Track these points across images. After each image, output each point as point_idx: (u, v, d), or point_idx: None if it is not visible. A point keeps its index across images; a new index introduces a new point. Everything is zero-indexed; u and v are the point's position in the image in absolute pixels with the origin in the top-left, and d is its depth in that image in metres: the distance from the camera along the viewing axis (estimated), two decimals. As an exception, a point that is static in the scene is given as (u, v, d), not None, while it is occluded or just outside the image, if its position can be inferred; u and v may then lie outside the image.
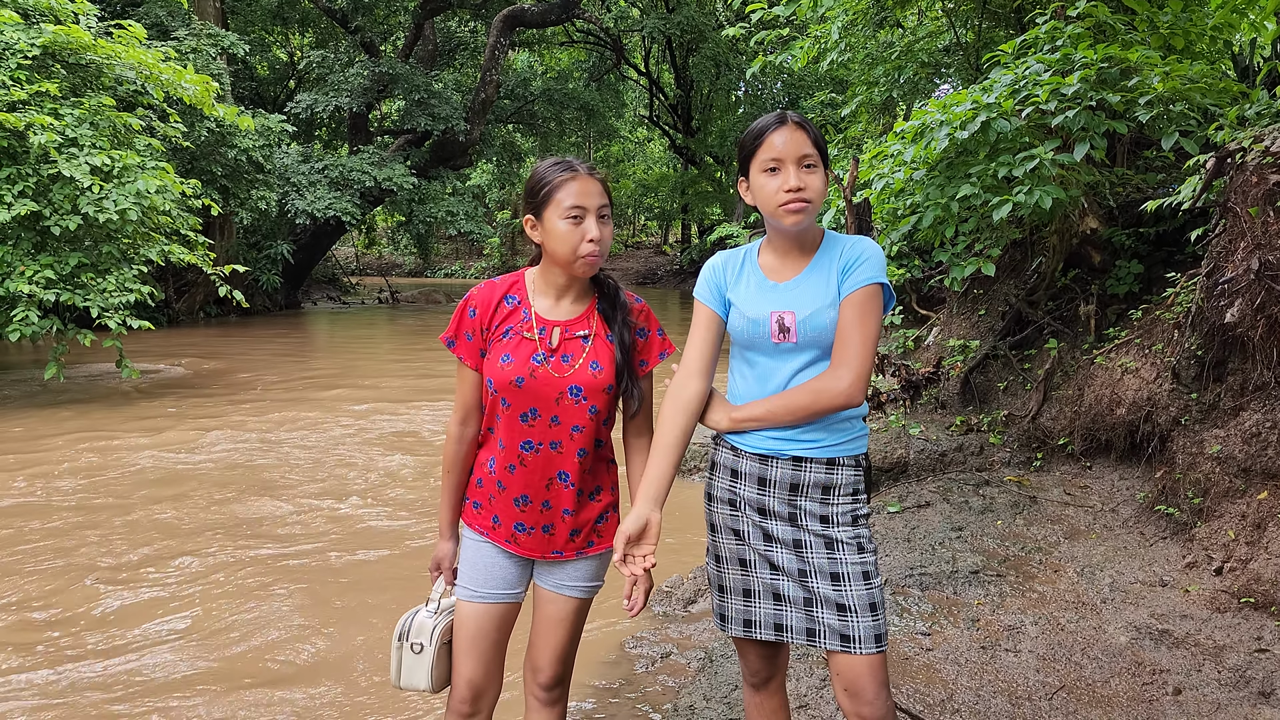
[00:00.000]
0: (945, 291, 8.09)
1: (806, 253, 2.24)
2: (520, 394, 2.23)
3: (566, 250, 2.20)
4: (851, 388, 2.11)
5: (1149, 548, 4.46)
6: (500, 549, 2.32)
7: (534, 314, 2.29)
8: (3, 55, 9.14)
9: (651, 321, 2.37)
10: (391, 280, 32.08)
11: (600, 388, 2.25)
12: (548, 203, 2.21)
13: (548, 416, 2.24)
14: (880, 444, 6.03)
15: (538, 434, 2.25)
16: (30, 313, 8.73)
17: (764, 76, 25.79)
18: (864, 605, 2.15)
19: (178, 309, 18.46)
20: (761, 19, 7.79)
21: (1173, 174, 6.38)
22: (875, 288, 2.16)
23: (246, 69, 23.87)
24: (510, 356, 2.24)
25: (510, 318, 2.29)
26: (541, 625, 2.36)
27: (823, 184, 2.16)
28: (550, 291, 2.31)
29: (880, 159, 6.00)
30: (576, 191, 2.19)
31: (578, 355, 2.26)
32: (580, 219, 2.19)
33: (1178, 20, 5.45)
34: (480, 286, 2.36)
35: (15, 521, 5.47)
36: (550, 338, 2.26)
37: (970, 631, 3.75)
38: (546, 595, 2.35)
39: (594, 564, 2.37)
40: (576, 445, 2.26)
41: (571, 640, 2.36)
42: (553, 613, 2.34)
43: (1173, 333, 5.10)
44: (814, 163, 2.15)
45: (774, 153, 2.14)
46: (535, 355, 2.24)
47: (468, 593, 2.33)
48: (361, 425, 8.36)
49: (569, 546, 2.31)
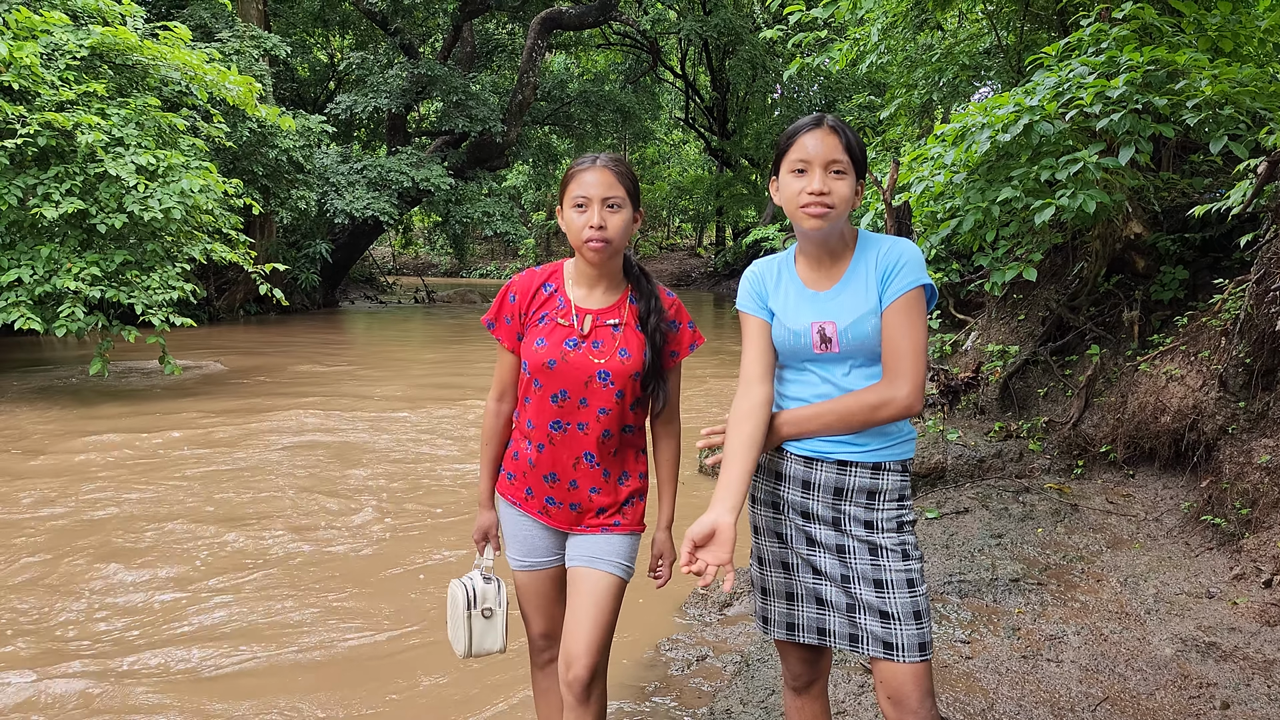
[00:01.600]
0: (984, 296, 8.01)
1: (841, 258, 2.22)
2: (552, 376, 2.36)
3: (573, 236, 2.33)
4: (910, 398, 2.09)
5: (1194, 558, 4.39)
6: (535, 520, 2.48)
7: (569, 302, 2.41)
8: (52, 56, 9.31)
9: (682, 314, 2.47)
10: (427, 280, 32.29)
11: (628, 373, 2.36)
12: (564, 193, 2.36)
13: (576, 399, 2.37)
14: (918, 449, 5.98)
15: (566, 414, 2.38)
16: (77, 309, 8.89)
17: (801, 79, 25.69)
18: (908, 613, 2.13)
19: (218, 306, 18.70)
20: (799, 21, 7.75)
21: (1220, 178, 6.28)
22: (918, 291, 2.13)
23: (288, 70, 24.16)
24: (544, 340, 2.37)
25: (547, 304, 2.43)
26: (574, 607, 2.40)
27: (850, 192, 2.12)
28: (584, 281, 2.43)
29: (920, 161, 5.95)
30: (584, 182, 2.31)
31: (609, 342, 2.37)
32: (585, 207, 2.30)
33: (1226, 23, 5.35)
34: (521, 274, 2.51)
35: (60, 511, 5.57)
36: (582, 324, 2.38)
37: (1011, 640, 3.70)
38: (579, 572, 2.42)
39: (624, 542, 2.44)
40: (601, 427, 2.37)
41: (605, 627, 2.38)
42: (585, 588, 2.39)
43: (1220, 340, 5.01)
44: (843, 169, 2.11)
45: (804, 154, 2.12)
46: (569, 340, 2.37)
47: (518, 563, 2.52)
48: (404, 420, 8.43)
49: (594, 523, 2.42)
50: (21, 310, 8.65)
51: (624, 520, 2.44)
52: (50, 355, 13.22)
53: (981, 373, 6.72)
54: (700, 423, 8.55)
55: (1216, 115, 4.83)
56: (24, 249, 8.91)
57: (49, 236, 9.15)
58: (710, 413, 9.19)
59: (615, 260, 2.40)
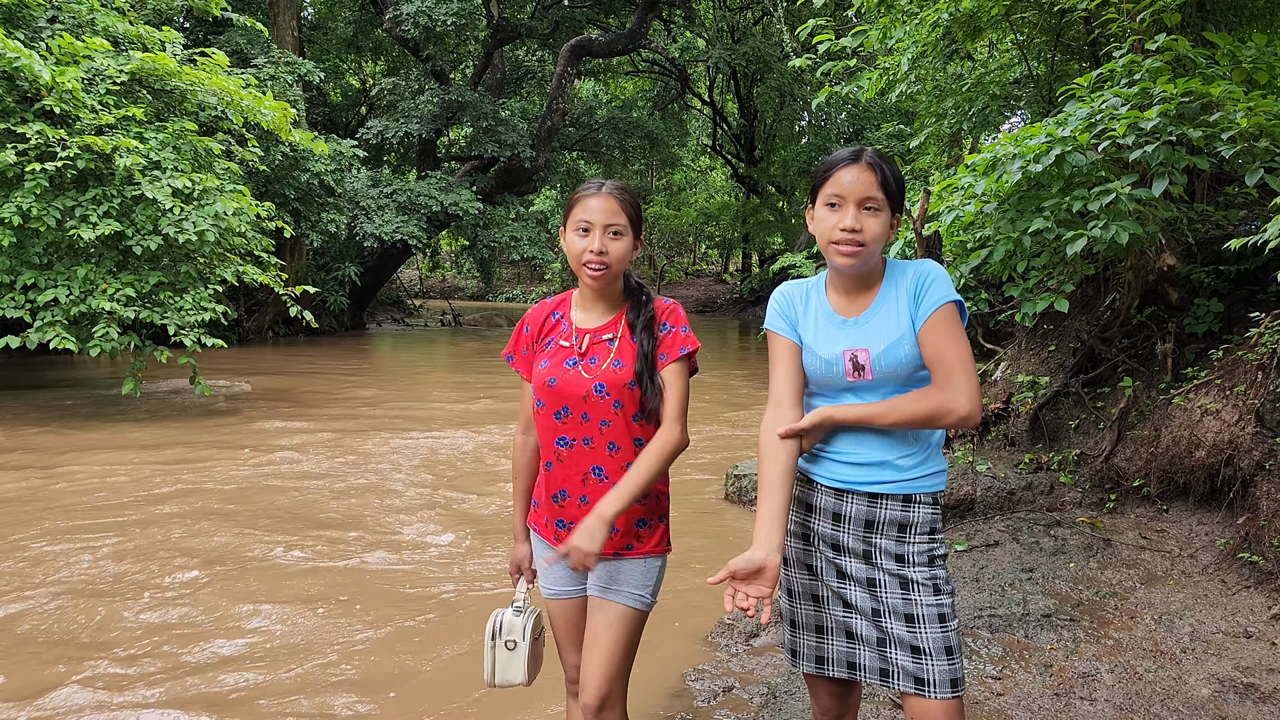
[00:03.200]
0: (1013, 326, 7.96)
1: (871, 286, 2.21)
2: (552, 393, 2.41)
3: (573, 259, 2.40)
4: (968, 407, 2.05)
5: (1231, 597, 4.31)
6: (554, 548, 2.46)
7: (571, 325, 2.49)
8: (93, 81, 9.50)
9: (676, 318, 2.45)
10: (454, 303, 32.50)
11: (621, 383, 2.38)
12: (568, 216, 2.42)
13: (578, 414, 2.40)
14: (947, 480, 5.92)
15: (570, 430, 2.41)
16: (111, 329, 9.01)
17: (829, 107, 25.73)
18: (939, 648, 2.10)
19: (248, 328, 18.90)
20: (828, 50, 7.78)
21: (1255, 211, 6.21)
22: (950, 306, 2.12)
23: (321, 95, 24.52)
24: (547, 362, 2.45)
25: (554, 330, 2.51)
26: (589, 636, 2.41)
27: (882, 228, 2.11)
28: (585, 303, 2.51)
29: (950, 191, 5.93)
30: (589, 207, 2.36)
31: (604, 356, 2.41)
32: (588, 232, 2.35)
33: (1261, 55, 5.31)
34: (535, 306, 2.61)
35: (95, 524, 5.62)
36: (581, 343, 2.44)
37: (1043, 677, 3.64)
38: (593, 601, 2.43)
39: (639, 570, 2.41)
40: (606, 439, 2.39)
41: (618, 656, 2.37)
42: (598, 619, 2.39)
43: (1256, 374, 4.94)
44: (878, 206, 2.10)
45: (839, 189, 2.12)
46: (568, 359, 2.43)
47: (547, 591, 2.54)
48: (431, 443, 8.46)
49: (606, 544, 2.32)
50: (57, 330, 8.79)
51: (639, 544, 2.42)
52: (83, 374, 13.39)
53: (1012, 403, 6.66)
54: (727, 447, 8.52)
55: (1252, 148, 4.78)
56: (61, 269, 9.06)
57: (85, 257, 9.30)
58: (735, 439, 9.17)
59: (615, 283, 2.45)
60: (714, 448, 8.70)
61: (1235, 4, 6.85)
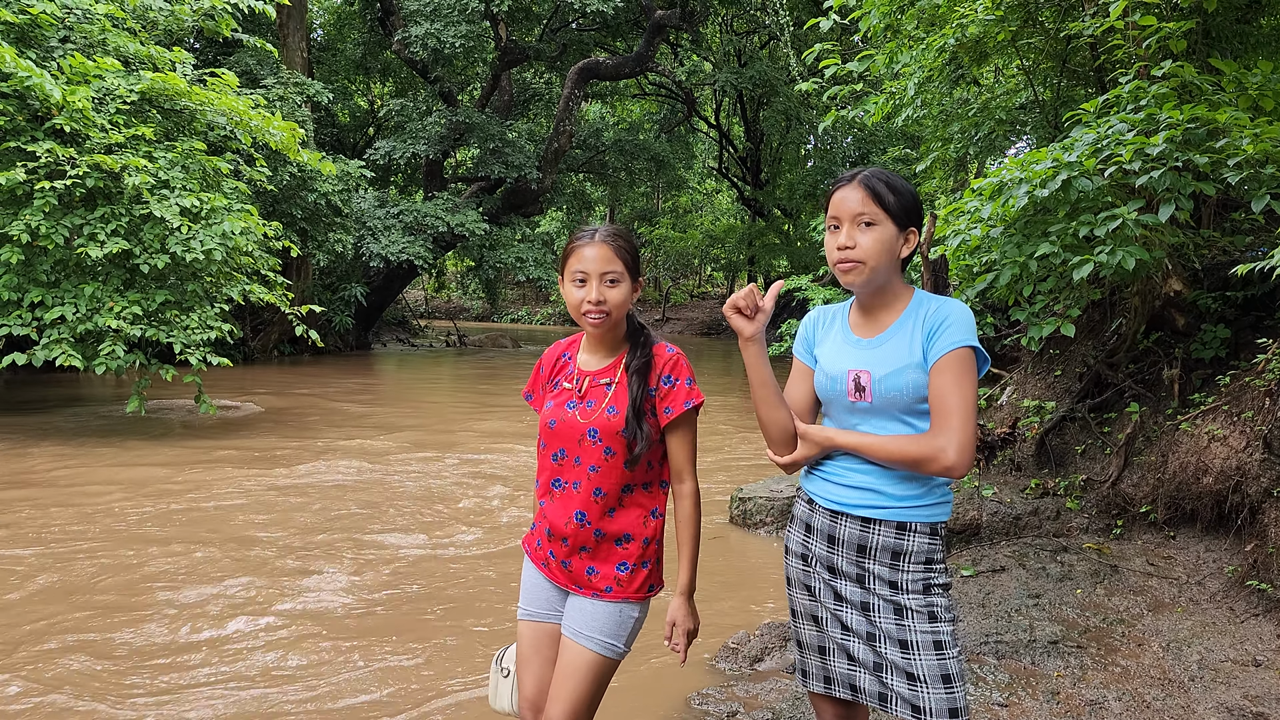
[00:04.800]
0: (1019, 350, 7.94)
1: (892, 311, 2.22)
2: (553, 435, 2.45)
3: (572, 309, 2.42)
4: (955, 458, 2.03)
5: (1239, 624, 4.27)
6: (539, 571, 2.53)
7: (575, 366, 2.52)
8: (103, 100, 9.57)
9: (680, 370, 2.43)
10: (459, 324, 32.55)
11: (614, 430, 2.37)
12: (564, 266, 2.44)
13: (571, 457, 2.43)
14: (952, 505, 5.89)
15: (565, 473, 2.44)
16: (117, 347, 9.03)
17: (835, 131, 25.82)
18: (935, 676, 2.07)
19: (253, 347, 18.93)
20: (835, 74, 7.81)
21: (1262, 237, 6.21)
22: (967, 351, 2.10)
23: (329, 116, 24.69)
24: (551, 403, 2.48)
25: (561, 370, 2.55)
26: (557, 674, 2.40)
27: (878, 243, 2.12)
28: (589, 345, 2.54)
29: (957, 215, 5.94)
30: (583, 257, 2.38)
31: (600, 401, 2.42)
32: (585, 282, 2.37)
33: (1267, 81, 5.33)
34: (552, 345, 2.65)
35: (103, 544, 5.61)
36: (581, 386, 2.46)
37: (1050, 705, 3.61)
38: (564, 641, 2.42)
39: (612, 616, 2.39)
40: (592, 485, 2.39)
41: (582, 702, 2.35)
42: (565, 660, 2.39)
43: (1264, 400, 4.92)
44: (872, 220, 2.12)
45: (835, 211, 2.17)
46: (569, 402, 2.45)
47: (522, 611, 2.56)
48: (444, 463, 8.44)
49: (586, 584, 2.40)
50: (63, 347, 8.81)
51: (617, 588, 2.39)
52: (88, 392, 13.41)
53: (1018, 428, 6.64)
54: (731, 471, 8.50)
55: (1258, 174, 4.78)
56: (68, 287, 9.09)
57: (93, 275, 9.33)
58: (740, 463, 9.14)
59: (617, 328, 2.47)
60: (718, 471, 8.67)
61: (1241, 31, 6.88)
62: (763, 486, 6.84)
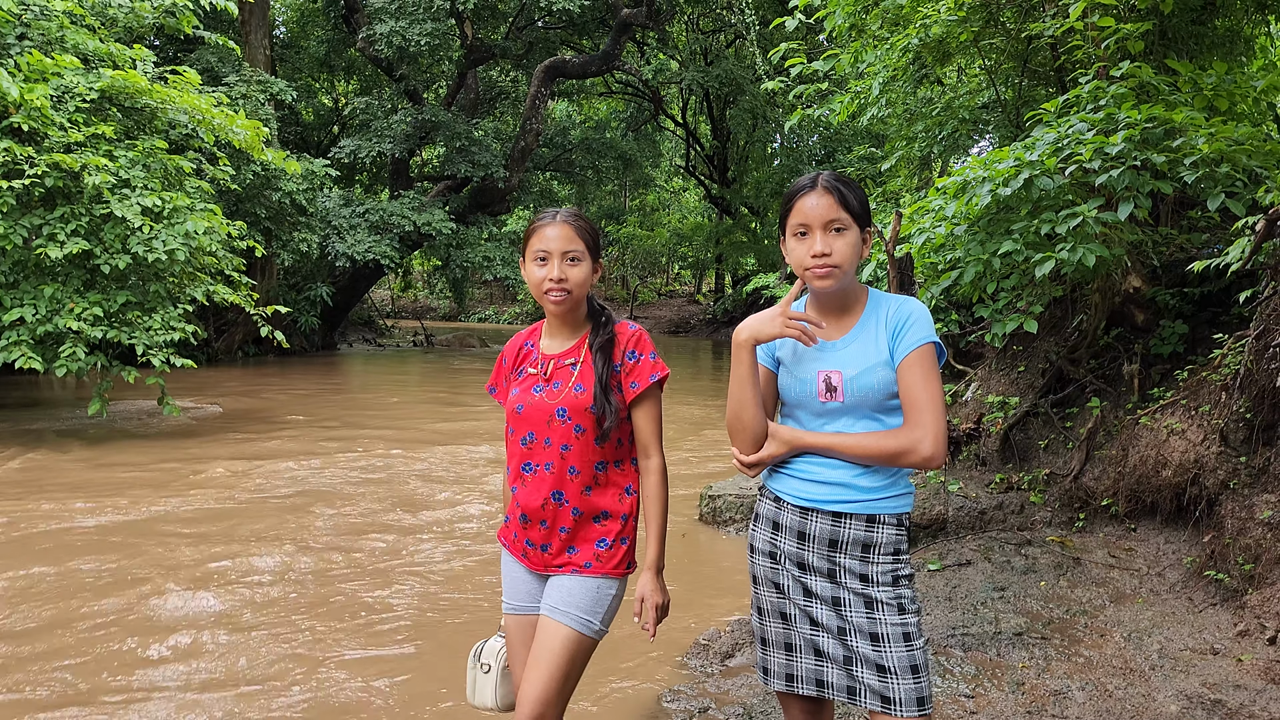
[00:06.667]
0: (983, 347, 8.04)
1: (852, 312, 2.26)
2: (520, 419, 2.47)
3: (534, 289, 2.45)
4: (932, 449, 2.10)
5: (1198, 614, 4.36)
6: (518, 562, 2.54)
7: (539, 352, 2.55)
8: (62, 98, 9.42)
9: (644, 345, 2.49)
10: (426, 323, 32.38)
11: (582, 407, 2.41)
12: (526, 246, 2.48)
13: (541, 439, 2.45)
14: (918, 500, 5.97)
15: (535, 456, 2.46)
16: (78, 349, 8.90)
17: (801, 130, 25.98)
18: (904, 667, 2.12)
19: (217, 348, 18.73)
20: (801, 74, 7.87)
21: (1218, 234, 6.33)
22: (930, 346, 2.18)
23: (293, 114, 24.45)
24: (517, 389, 2.51)
25: (525, 359, 2.58)
26: (532, 653, 2.40)
27: (851, 247, 2.16)
28: (551, 330, 2.57)
29: (921, 213, 6.01)
30: (545, 236, 2.42)
31: (566, 381, 2.45)
32: (546, 261, 2.41)
33: (1222, 82, 5.44)
34: (513, 338, 2.67)
35: (69, 550, 5.53)
36: (546, 369, 2.49)
37: (1015, 695, 3.67)
38: (541, 620, 2.43)
39: (592, 589, 2.41)
40: (567, 464, 2.42)
41: (556, 680, 2.35)
42: (540, 640, 2.39)
43: (1220, 395, 5.02)
44: (843, 226, 2.16)
45: (803, 218, 2.18)
46: (535, 386, 2.48)
47: (507, 605, 2.57)
48: (414, 461, 8.41)
49: (567, 561, 2.44)
50: (23, 349, 8.67)
51: (596, 563, 2.43)
52: (48, 395, 13.20)
53: (983, 424, 6.73)
54: (700, 468, 8.53)
55: (1213, 173, 4.89)
56: (27, 289, 8.95)
57: (53, 276, 9.19)
58: (709, 461, 9.18)
59: (578, 309, 2.50)
60: (687, 469, 8.71)
61: (1196, 33, 7.01)
62: (732, 484, 6.88)
